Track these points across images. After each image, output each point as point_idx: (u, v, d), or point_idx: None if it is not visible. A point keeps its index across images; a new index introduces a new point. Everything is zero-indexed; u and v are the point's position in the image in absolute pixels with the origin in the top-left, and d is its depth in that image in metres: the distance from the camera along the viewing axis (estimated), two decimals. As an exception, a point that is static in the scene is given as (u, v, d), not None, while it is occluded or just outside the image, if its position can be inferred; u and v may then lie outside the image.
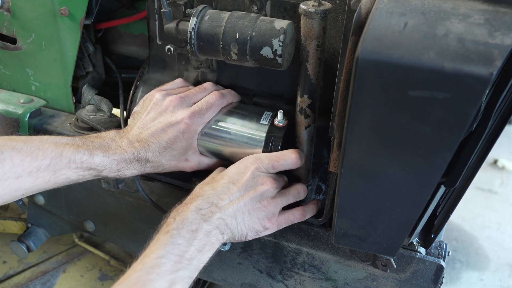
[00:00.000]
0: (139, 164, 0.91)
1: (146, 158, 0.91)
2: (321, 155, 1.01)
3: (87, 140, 0.90)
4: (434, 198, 0.74)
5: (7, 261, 1.56)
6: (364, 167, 0.68)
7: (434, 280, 0.94)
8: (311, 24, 0.79)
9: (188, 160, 0.96)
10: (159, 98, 0.94)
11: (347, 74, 0.68)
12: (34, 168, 0.83)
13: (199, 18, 0.86)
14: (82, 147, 0.87)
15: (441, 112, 0.56)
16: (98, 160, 0.87)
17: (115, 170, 0.90)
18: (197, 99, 0.95)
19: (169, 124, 0.91)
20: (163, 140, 0.91)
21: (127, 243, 1.30)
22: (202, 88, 0.97)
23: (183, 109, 0.92)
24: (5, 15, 1.07)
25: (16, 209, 1.57)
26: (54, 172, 0.85)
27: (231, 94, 0.98)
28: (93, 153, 0.87)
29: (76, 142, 0.88)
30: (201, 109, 0.92)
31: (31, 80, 1.15)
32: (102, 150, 0.88)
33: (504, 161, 2.53)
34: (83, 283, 1.52)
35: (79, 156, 0.86)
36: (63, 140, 0.88)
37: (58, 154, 0.85)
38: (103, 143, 0.90)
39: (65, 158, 0.85)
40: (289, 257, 1.05)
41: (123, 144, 0.91)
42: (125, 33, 1.22)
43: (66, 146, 0.86)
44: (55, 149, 0.85)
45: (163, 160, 0.92)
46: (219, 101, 0.94)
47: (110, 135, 0.93)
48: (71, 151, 0.86)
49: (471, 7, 0.57)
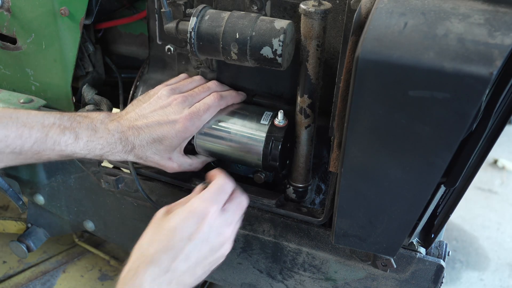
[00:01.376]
0: (124, 150, 0.91)
1: (132, 145, 0.91)
2: (321, 155, 1.01)
3: (75, 120, 0.89)
4: (434, 198, 0.74)
5: (7, 261, 1.56)
6: (364, 167, 0.68)
7: (434, 280, 0.94)
8: (311, 24, 0.79)
9: (171, 159, 0.95)
10: (164, 94, 0.94)
11: (347, 74, 0.68)
12: (17, 146, 0.84)
13: (199, 18, 0.86)
14: (68, 129, 0.87)
15: (441, 112, 0.56)
16: (82, 144, 0.87)
17: (99, 155, 0.90)
18: (200, 99, 0.95)
19: (167, 121, 0.90)
20: (154, 133, 0.90)
21: (127, 243, 1.30)
22: (206, 88, 0.97)
23: (184, 108, 0.92)
24: (5, 15, 1.07)
25: (16, 209, 1.57)
26: (38, 152, 0.86)
27: (232, 95, 0.98)
28: (78, 137, 0.87)
29: (63, 123, 0.87)
30: (199, 111, 0.92)
31: (31, 80, 1.15)
32: (88, 134, 0.88)
33: (504, 161, 2.53)
34: (83, 283, 1.52)
35: (64, 139, 0.86)
36: (51, 119, 0.87)
37: (43, 134, 0.85)
38: (91, 125, 0.89)
39: (50, 139, 0.86)
40: (289, 257, 1.05)
41: (112, 127, 0.90)
42: (125, 33, 1.22)
43: (53, 127, 0.86)
44: (41, 128, 0.85)
45: (148, 152, 0.92)
46: (217, 103, 0.94)
47: (100, 116, 0.92)
48: (57, 133, 0.86)
49: (471, 7, 0.57)
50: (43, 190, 1.29)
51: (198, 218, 0.78)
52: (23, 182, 1.29)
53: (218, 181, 0.85)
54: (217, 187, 0.83)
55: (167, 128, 0.90)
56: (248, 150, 0.94)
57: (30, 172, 1.27)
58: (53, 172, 1.25)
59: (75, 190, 1.25)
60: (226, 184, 0.85)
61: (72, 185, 1.24)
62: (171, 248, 0.76)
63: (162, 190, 1.11)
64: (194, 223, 0.78)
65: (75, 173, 1.22)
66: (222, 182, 0.85)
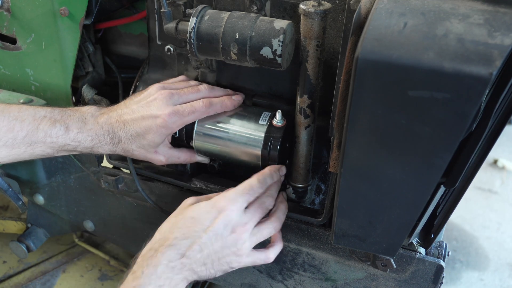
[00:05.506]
0: (112, 143, 0.93)
1: (119, 138, 0.92)
2: (320, 155, 1.01)
3: (65, 114, 0.92)
4: (434, 198, 0.74)
5: (7, 261, 1.56)
6: (363, 167, 0.68)
7: (434, 280, 0.94)
8: (310, 24, 0.79)
9: (157, 153, 0.96)
10: (153, 89, 0.95)
11: (346, 74, 0.68)
12: (9, 139, 0.87)
13: (198, 18, 0.86)
14: (59, 122, 0.90)
15: (440, 112, 0.56)
16: (73, 136, 0.90)
17: (89, 147, 0.92)
18: (188, 100, 0.94)
19: (149, 115, 0.91)
20: (138, 127, 0.91)
21: (127, 243, 1.30)
22: (196, 89, 0.96)
23: (167, 105, 0.92)
24: (5, 15, 1.07)
25: (16, 209, 1.56)
26: (30, 144, 0.89)
27: (222, 104, 0.95)
28: (68, 129, 0.90)
29: (54, 116, 0.90)
30: (183, 112, 0.91)
31: (31, 80, 1.15)
32: (78, 126, 0.91)
33: (504, 161, 2.53)
34: (83, 283, 1.52)
35: (55, 131, 0.89)
36: (42, 112, 0.90)
37: (34, 127, 0.88)
38: (81, 118, 0.92)
39: (41, 131, 0.89)
40: (288, 257, 1.05)
41: (101, 120, 0.92)
42: (125, 33, 1.22)
43: (44, 120, 0.89)
44: (32, 121, 0.88)
45: (133, 145, 0.93)
46: (204, 110, 0.93)
47: (91, 110, 0.94)
48: (48, 125, 0.89)
49: (471, 7, 0.57)
50: (43, 190, 1.29)
51: (216, 213, 0.83)
52: (23, 182, 1.29)
53: (249, 181, 0.88)
54: (244, 187, 0.87)
55: (149, 122, 0.91)
56: (246, 151, 0.94)
57: (30, 172, 1.27)
58: (53, 172, 1.25)
59: (75, 190, 1.25)
60: (255, 186, 0.87)
61: (72, 185, 1.24)
62: (188, 236, 0.81)
63: (162, 190, 1.11)
64: (212, 217, 0.82)
65: (75, 173, 1.22)
66: (252, 183, 0.87)
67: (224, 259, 0.84)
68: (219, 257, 0.83)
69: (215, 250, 0.82)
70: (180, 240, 0.80)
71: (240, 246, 0.84)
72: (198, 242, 0.81)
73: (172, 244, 0.80)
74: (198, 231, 0.81)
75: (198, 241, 0.81)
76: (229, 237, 0.83)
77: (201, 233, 0.81)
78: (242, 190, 0.86)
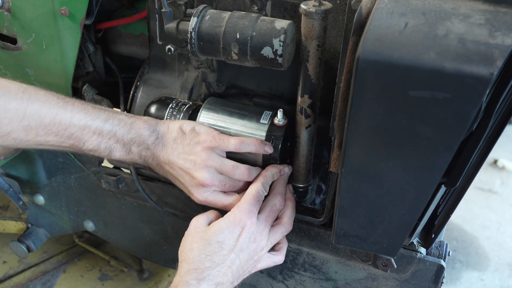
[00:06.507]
0: None
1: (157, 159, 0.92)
2: (321, 155, 1.01)
3: (132, 141, 0.90)
4: (434, 198, 0.74)
5: (7, 261, 1.56)
6: (364, 167, 0.68)
7: (435, 280, 0.94)
8: (311, 24, 0.79)
9: None
10: None
11: (347, 74, 0.68)
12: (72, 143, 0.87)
13: (199, 18, 0.86)
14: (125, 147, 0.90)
15: (441, 112, 0.56)
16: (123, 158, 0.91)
17: None
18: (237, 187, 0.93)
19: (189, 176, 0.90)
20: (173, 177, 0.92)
21: (127, 243, 1.30)
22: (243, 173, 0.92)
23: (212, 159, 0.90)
24: (5, 15, 1.07)
25: (16, 209, 1.56)
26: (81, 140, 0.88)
27: None
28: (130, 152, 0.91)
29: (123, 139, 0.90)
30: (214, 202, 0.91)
31: (31, 80, 1.15)
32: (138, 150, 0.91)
33: (504, 161, 2.53)
34: (83, 283, 1.52)
35: (118, 154, 0.90)
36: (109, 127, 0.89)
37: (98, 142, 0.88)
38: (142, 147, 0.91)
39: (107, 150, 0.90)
40: (289, 257, 1.05)
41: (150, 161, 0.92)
42: (125, 33, 1.22)
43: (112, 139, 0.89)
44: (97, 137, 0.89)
45: None
46: None
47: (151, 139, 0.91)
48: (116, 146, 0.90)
49: (472, 7, 0.57)
50: (43, 190, 1.29)
51: (239, 230, 0.85)
52: (23, 182, 1.29)
53: (255, 187, 0.89)
54: (253, 195, 0.88)
55: (184, 179, 0.91)
56: (248, 150, 0.93)
57: (30, 172, 1.27)
58: (53, 172, 1.25)
59: (75, 190, 1.25)
60: (261, 191, 0.89)
61: (72, 185, 1.24)
62: (218, 262, 0.83)
63: (162, 190, 1.11)
64: (236, 236, 0.85)
65: (75, 173, 1.22)
66: (258, 189, 0.89)
67: (248, 268, 0.87)
68: (244, 269, 0.86)
69: (241, 264, 0.85)
70: (212, 270, 0.82)
71: (260, 253, 0.88)
72: (228, 264, 0.83)
73: (205, 277, 0.81)
74: (226, 254, 0.84)
75: (228, 263, 0.83)
76: (251, 248, 0.86)
77: (230, 253, 0.84)
78: (252, 199, 0.87)
